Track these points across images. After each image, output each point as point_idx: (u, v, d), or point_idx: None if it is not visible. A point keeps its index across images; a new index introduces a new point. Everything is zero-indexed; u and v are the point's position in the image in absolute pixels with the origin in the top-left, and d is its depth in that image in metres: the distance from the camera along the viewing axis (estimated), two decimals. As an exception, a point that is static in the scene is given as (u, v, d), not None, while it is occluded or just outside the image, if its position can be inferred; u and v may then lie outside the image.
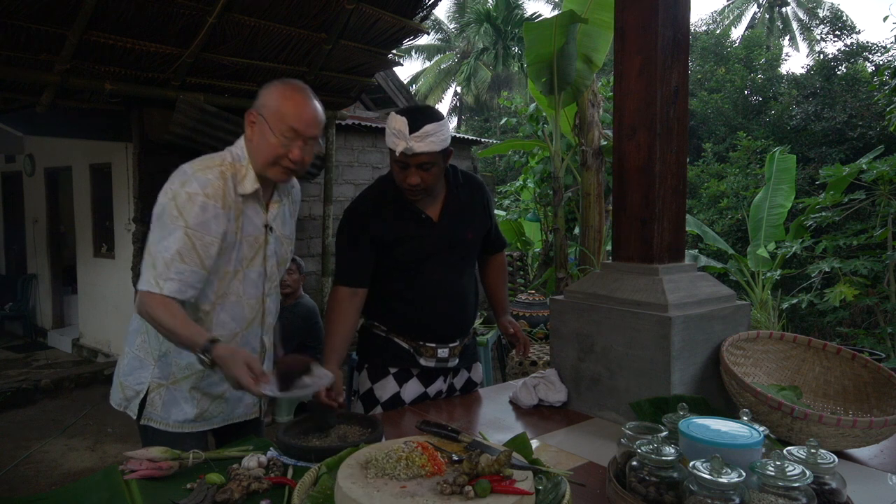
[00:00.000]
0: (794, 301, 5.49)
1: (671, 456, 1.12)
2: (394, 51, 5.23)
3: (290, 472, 1.37)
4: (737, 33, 19.98)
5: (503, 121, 8.91)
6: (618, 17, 1.94)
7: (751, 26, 21.99)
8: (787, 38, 23.06)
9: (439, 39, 25.47)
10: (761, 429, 1.20)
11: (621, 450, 1.26)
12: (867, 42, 10.98)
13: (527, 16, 21.54)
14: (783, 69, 13.71)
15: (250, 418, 1.84)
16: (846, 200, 5.25)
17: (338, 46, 4.73)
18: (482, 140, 9.17)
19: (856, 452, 1.55)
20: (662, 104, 1.84)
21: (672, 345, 1.66)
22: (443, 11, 28.18)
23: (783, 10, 23.29)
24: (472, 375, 2.17)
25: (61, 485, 3.54)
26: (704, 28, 19.12)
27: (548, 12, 26.36)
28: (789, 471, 1.03)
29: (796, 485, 1.01)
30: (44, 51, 3.83)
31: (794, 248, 5.51)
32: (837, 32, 12.24)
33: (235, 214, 1.62)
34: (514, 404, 1.98)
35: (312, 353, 3.81)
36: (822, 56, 11.74)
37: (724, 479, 1.00)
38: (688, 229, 4.78)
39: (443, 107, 25.58)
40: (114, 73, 4.18)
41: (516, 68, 21.57)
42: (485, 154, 8.00)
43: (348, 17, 4.48)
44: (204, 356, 1.44)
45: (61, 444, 4.38)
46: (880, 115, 8.78)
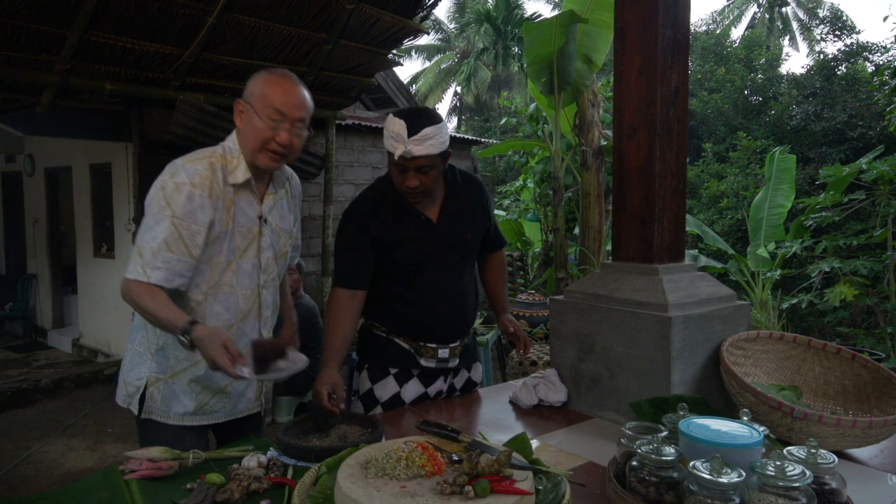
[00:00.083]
0: (794, 301, 5.49)
1: (671, 456, 1.12)
2: (394, 51, 5.24)
3: (290, 472, 1.37)
4: (737, 33, 20.00)
5: (503, 121, 8.90)
6: (618, 17, 1.94)
7: (751, 26, 21.98)
8: (787, 38, 23.06)
9: (439, 39, 25.47)
10: (761, 429, 1.20)
11: (621, 450, 1.26)
12: (867, 42, 10.99)
13: (527, 16, 21.53)
14: (783, 69, 13.74)
15: (252, 412, 1.85)
16: (846, 200, 5.25)
17: (338, 46, 4.73)
18: (482, 140, 9.16)
19: (856, 452, 1.55)
20: (662, 104, 1.84)
21: (672, 345, 1.66)
22: (443, 11, 28.21)
23: (783, 10, 23.28)
24: (473, 375, 2.17)
25: (61, 485, 3.54)
26: (704, 28, 19.13)
27: (548, 12, 26.38)
28: (789, 471, 1.03)
29: (796, 485, 1.01)
30: (44, 51, 3.83)
31: (794, 248, 5.51)
32: (837, 32, 12.23)
33: (227, 205, 1.62)
34: (514, 404, 1.98)
35: (312, 352, 3.80)
36: (822, 56, 11.73)
37: (724, 479, 1.00)
38: (688, 229, 4.78)
39: (443, 107, 25.61)
40: (114, 73, 4.18)
41: (516, 68, 21.56)
42: (485, 154, 8.00)
43: (348, 17, 4.49)
44: (184, 337, 1.45)
45: (61, 444, 4.37)
46: (880, 115, 8.77)
